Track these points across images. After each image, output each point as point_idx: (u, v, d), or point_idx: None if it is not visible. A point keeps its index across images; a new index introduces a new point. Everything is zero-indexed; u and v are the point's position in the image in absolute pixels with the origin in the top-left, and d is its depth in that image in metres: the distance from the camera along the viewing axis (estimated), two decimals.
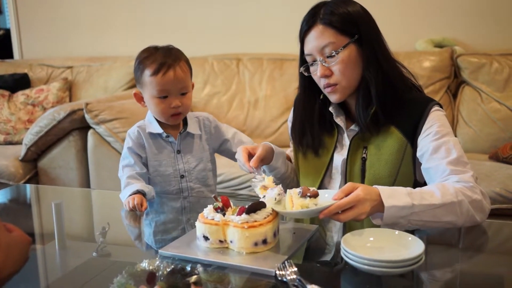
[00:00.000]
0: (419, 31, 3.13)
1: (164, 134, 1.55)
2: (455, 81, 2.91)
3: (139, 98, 1.56)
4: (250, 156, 1.36)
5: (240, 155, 1.36)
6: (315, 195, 1.12)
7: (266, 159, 1.41)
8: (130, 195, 1.43)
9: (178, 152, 1.57)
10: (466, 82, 2.85)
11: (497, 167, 2.26)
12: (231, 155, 1.66)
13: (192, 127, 1.59)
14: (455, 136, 2.80)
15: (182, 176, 1.57)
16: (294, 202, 1.12)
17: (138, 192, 1.44)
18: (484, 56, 2.80)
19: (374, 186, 1.14)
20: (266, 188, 1.20)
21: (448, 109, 2.83)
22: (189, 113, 1.62)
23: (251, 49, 3.40)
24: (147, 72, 1.47)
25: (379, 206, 1.11)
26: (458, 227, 1.20)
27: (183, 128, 1.58)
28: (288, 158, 1.61)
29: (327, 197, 1.13)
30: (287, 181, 1.56)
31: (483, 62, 2.77)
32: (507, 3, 2.96)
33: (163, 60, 1.46)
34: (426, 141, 1.31)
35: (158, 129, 1.55)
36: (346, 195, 1.09)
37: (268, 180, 1.22)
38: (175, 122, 1.55)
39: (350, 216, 1.08)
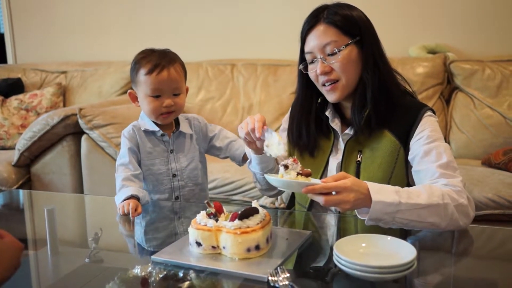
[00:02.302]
0: (412, 38, 3.15)
1: (160, 133, 1.58)
2: (448, 87, 2.93)
3: (134, 98, 1.61)
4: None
5: (257, 117, 1.29)
6: (308, 174, 1.16)
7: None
8: (125, 199, 1.43)
9: (171, 151, 1.60)
10: (459, 88, 2.86)
11: (489, 173, 2.27)
12: (216, 150, 1.69)
13: (184, 127, 1.63)
14: (448, 141, 2.83)
15: (174, 175, 1.59)
16: (284, 174, 1.15)
17: (132, 196, 1.44)
18: (477, 62, 2.82)
19: (364, 181, 1.15)
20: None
21: (441, 115, 2.84)
22: (180, 114, 1.64)
23: (246, 55, 3.41)
24: (142, 71, 1.52)
25: (365, 201, 1.12)
26: (440, 230, 1.21)
27: (175, 128, 1.61)
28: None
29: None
30: None
31: (475, 69, 2.79)
32: (500, 11, 2.99)
33: (158, 61, 1.51)
34: (417, 144, 1.33)
35: (153, 127, 1.57)
36: (335, 181, 1.10)
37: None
38: (165, 121, 1.58)
39: (332, 200, 1.09)
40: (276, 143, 1.23)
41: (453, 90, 2.92)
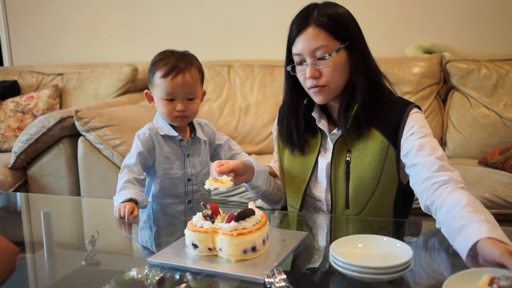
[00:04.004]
0: (408, 38, 3.16)
1: (178, 137, 1.58)
2: (445, 87, 2.94)
3: (150, 98, 1.61)
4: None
5: (212, 165, 1.40)
6: None
7: (241, 173, 1.42)
8: (123, 202, 1.43)
9: (188, 156, 1.60)
10: (455, 87, 2.87)
11: (486, 172, 2.28)
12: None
13: (200, 133, 1.63)
14: (445, 141, 2.85)
15: (189, 180, 1.60)
16: None
17: (131, 200, 1.43)
18: (473, 62, 2.82)
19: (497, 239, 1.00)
20: (217, 181, 1.28)
21: (438, 115, 2.85)
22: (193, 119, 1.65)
23: (242, 56, 3.41)
24: (158, 74, 1.51)
25: None
26: None
27: (192, 133, 1.62)
28: (273, 174, 1.62)
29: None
30: (270, 197, 1.58)
31: (471, 68, 2.79)
32: (495, 10, 2.99)
33: (175, 64, 1.50)
34: (410, 140, 1.33)
35: (172, 132, 1.57)
36: None
37: (225, 179, 1.31)
38: (180, 124, 1.58)
39: None
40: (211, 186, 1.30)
41: (449, 89, 2.92)
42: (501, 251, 0.94)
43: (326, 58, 1.34)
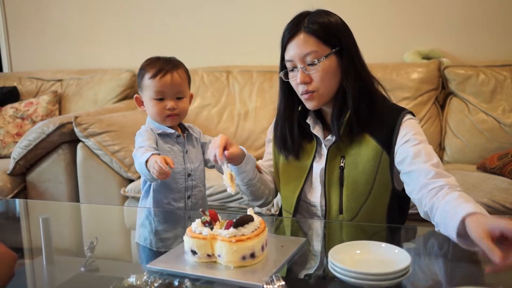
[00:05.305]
0: (407, 43, 3.16)
1: (176, 134, 1.61)
2: (443, 93, 2.94)
3: (140, 102, 1.64)
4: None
5: (218, 141, 1.38)
6: None
7: (236, 159, 1.43)
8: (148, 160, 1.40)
9: (186, 152, 1.63)
10: (453, 93, 2.87)
11: (484, 178, 2.28)
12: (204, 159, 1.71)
13: (191, 132, 1.66)
14: (443, 146, 2.85)
15: (189, 175, 1.62)
16: None
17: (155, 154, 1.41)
18: (471, 67, 2.83)
19: (481, 215, 1.07)
20: (232, 180, 1.29)
21: (436, 120, 2.85)
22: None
23: (241, 62, 3.42)
24: (147, 76, 1.56)
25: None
26: None
27: (186, 131, 1.65)
28: (258, 169, 1.62)
29: None
30: (253, 189, 1.55)
31: (469, 74, 2.80)
32: (493, 16, 3.00)
33: (162, 66, 1.56)
34: (405, 147, 1.34)
35: (169, 129, 1.60)
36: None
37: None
38: (171, 123, 1.61)
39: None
40: (227, 182, 1.29)
41: (447, 95, 2.93)
42: (476, 234, 1.01)
43: (315, 63, 1.36)
